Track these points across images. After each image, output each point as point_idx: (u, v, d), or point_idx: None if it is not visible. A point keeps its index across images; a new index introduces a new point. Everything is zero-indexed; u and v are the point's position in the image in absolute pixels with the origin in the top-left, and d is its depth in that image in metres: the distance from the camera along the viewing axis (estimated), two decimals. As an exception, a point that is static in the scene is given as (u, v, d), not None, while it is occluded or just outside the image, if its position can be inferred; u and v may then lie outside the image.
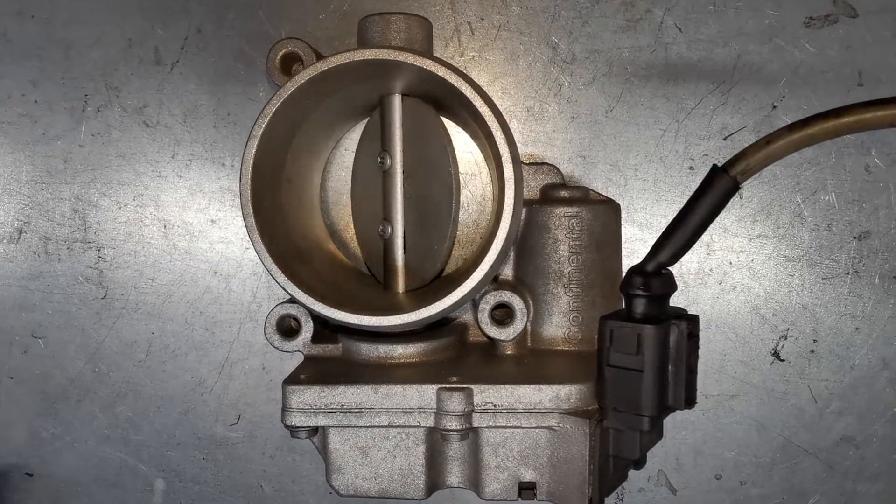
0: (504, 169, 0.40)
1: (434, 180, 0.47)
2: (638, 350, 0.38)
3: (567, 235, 0.49)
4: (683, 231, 0.38)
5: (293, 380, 0.44)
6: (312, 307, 0.41)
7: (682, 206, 0.41)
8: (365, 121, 0.51)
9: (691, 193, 0.38)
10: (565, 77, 0.57)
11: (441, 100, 0.47)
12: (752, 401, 0.61)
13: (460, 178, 0.49)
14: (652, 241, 0.60)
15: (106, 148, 0.57)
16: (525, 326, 0.49)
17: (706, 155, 0.56)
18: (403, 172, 0.48)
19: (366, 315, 0.41)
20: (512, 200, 0.40)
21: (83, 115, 0.57)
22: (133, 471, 0.59)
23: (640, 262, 0.40)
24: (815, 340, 0.61)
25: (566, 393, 0.43)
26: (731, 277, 0.61)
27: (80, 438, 0.60)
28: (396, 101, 0.49)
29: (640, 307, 0.39)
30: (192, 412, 0.59)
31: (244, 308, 0.58)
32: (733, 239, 0.60)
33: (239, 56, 0.59)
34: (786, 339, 0.61)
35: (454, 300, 0.41)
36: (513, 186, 0.40)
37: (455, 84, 0.40)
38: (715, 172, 0.38)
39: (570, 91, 0.58)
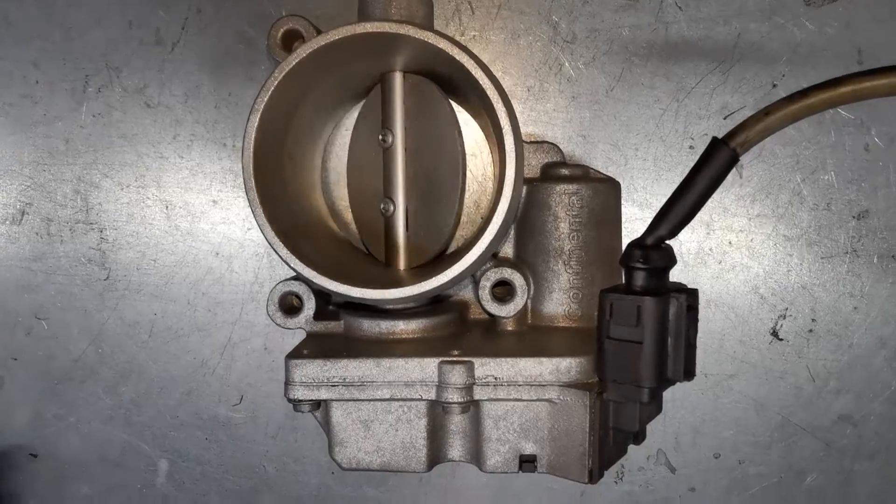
0: (505, 142, 0.41)
1: (439, 157, 0.47)
2: (637, 322, 0.38)
3: (567, 213, 0.50)
4: (683, 204, 0.39)
5: (296, 354, 0.44)
6: (314, 280, 0.42)
7: None
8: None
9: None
10: (566, 56, 0.57)
11: (443, 77, 0.47)
12: (751, 380, 0.62)
13: (458, 153, 0.49)
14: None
15: (107, 129, 0.57)
16: (525, 303, 0.49)
17: (706, 134, 0.56)
18: (406, 149, 0.48)
19: (368, 288, 0.41)
20: (513, 174, 0.40)
21: (84, 96, 0.57)
22: (136, 451, 0.59)
23: (640, 236, 0.40)
24: (813, 320, 0.61)
25: (566, 366, 0.43)
26: (731, 257, 0.61)
27: (83, 419, 0.60)
28: (398, 77, 0.49)
29: (639, 280, 0.39)
30: (194, 393, 0.59)
31: (246, 289, 0.58)
32: (733, 218, 0.61)
33: (240, 36, 0.59)
34: (784, 318, 0.61)
35: (455, 274, 0.41)
36: (514, 160, 0.40)
37: (456, 56, 0.40)
38: (715, 144, 0.38)
39: (571, 70, 0.58)
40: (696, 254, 0.61)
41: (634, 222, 0.58)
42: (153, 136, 0.57)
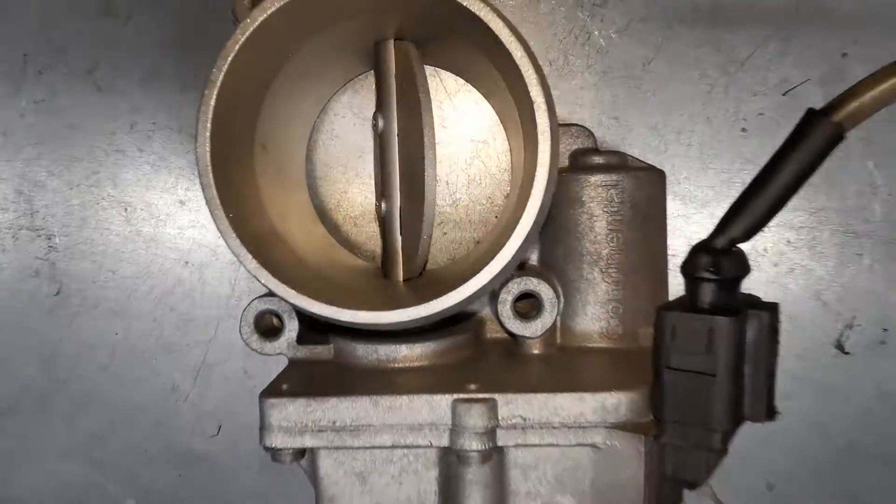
0: (537, 118, 0.31)
1: (421, 145, 0.40)
2: (708, 348, 0.30)
3: (605, 209, 0.41)
4: (764, 197, 0.30)
5: (273, 391, 0.35)
6: (293, 301, 0.33)
7: (732, 175, 0.34)
8: (361, 77, 0.43)
9: (743, 157, 0.29)
10: (594, 23, 0.49)
11: (444, 41, 0.38)
12: (812, 400, 0.53)
13: (435, 141, 0.41)
14: (697, 218, 0.53)
15: (52, 118, 0.51)
16: (555, 320, 0.41)
17: (761, 114, 0.49)
18: (399, 136, 0.39)
19: (361, 311, 0.32)
20: (548, 160, 0.31)
21: (23, 80, 0.51)
22: (100, 491, 0.54)
23: (707, 238, 0.32)
24: (885, 330, 0.52)
25: (614, 402, 0.35)
26: (789, 258, 0.52)
27: (37, 456, 0.54)
28: (390, 47, 0.40)
29: (708, 294, 0.31)
30: (165, 423, 0.53)
31: (221, 303, 0.52)
32: (791, 213, 0.52)
33: (207, 4, 0.50)
34: (851, 328, 0.53)
35: (471, 290, 0.33)
36: (548, 141, 0.31)
37: (473, 9, 0.31)
38: (812, 118, 0.29)
39: (601, 40, 0.49)
40: (749, 255, 0.52)
41: (677, 219, 0.50)
42: (107, 125, 0.51)
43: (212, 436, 0.53)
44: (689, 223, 0.51)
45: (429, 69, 0.48)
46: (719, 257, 0.31)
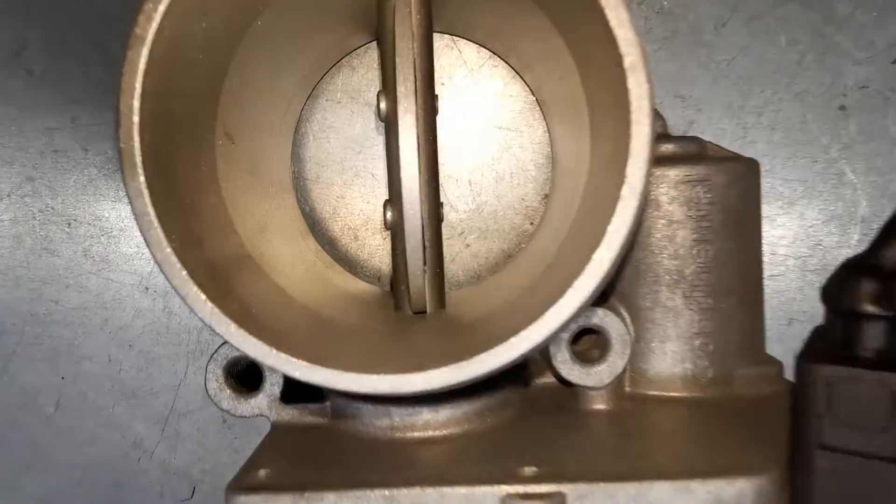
0: (630, 84, 0.21)
1: (435, 135, 0.33)
2: (891, 420, 0.20)
3: (689, 213, 0.32)
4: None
5: (246, 481, 0.25)
6: (267, 362, 0.22)
7: (828, 165, 0.26)
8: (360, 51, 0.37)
9: (841, 142, 0.27)
10: (655, -24, 0.39)
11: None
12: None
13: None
14: (784, 220, 0.43)
15: None
16: (626, 363, 0.30)
17: (865, 87, 0.40)
18: (420, 122, 0.29)
19: (365, 374, 0.22)
20: (646, 149, 0.21)
21: None
22: None
23: (866, 253, 0.22)
24: None
25: (734, 494, 0.24)
26: None
27: None
28: (400, 5, 0.30)
29: (879, 338, 0.21)
30: (126, 485, 0.46)
31: (191, 337, 0.45)
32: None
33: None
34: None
35: (532, 343, 0.23)
36: (646, 120, 0.21)
37: None
38: None
39: (663, -3, 0.40)
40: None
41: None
42: (40, 119, 0.43)
43: (184, 500, 0.46)
44: (773, 226, 0.42)
45: (443, 40, 0.39)
46: (891, 283, 0.21)
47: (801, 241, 0.42)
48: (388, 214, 0.33)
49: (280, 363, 0.22)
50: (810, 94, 0.41)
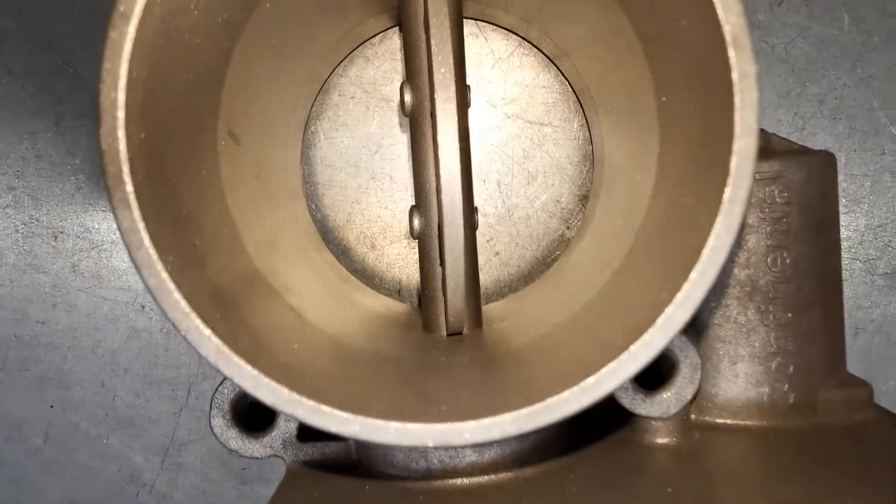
0: (730, 58, 0.17)
1: (467, 132, 0.31)
2: None
3: (762, 216, 0.28)
4: None
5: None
6: (285, 409, 0.18)
7: None
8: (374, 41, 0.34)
9: None
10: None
11: None
12: None
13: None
14: (849, 220, 0.39)
15: None
16: (696, 390, 0.27)
17: None
18: (459, 114, 0.25)
19: (407, 423, 0.18)
20: (754, 144, 0.17)
21: None
22: None
23: None
24: None
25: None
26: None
27: None
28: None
29: None
30: None
31: (192, 360, 0.42)
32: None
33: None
34: None
35: (625, 376, 0.18)
36: (753, 101, 0.17)
37: None
38: None
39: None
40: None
41: (824, 222, 0.36)
42: (23, 120, 0.40)
43: (188, 538, 0.44)
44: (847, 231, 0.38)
45: (467, 26, 0.36)
46: None
47: (868, 243, 0.38)
48: (416, 222, 0.29)
49: (304, 413, 0.18)
50: (877, 79, 0.37)
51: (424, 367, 0.23)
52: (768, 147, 0.32)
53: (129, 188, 0.18)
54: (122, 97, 0.17)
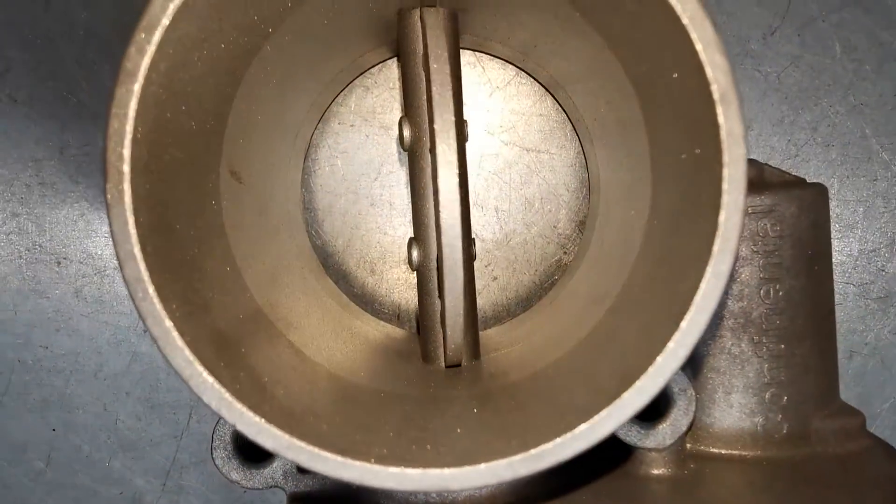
0: (718, 114, 0.17)
1: (464, 162, 0.31)
2: None
3: (755, 248, 0.28)
4: None
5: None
6: (286, 455, 0.19)
7: (891, 184, 0.23)
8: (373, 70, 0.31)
9: None
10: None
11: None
12: None
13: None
14: (842, 246, 0.40)
15: None
16: (691, 421, 0.27)
17: None
18: (458, 147, 0.26)
19: (408, 468, 0.18)
20: (742, 189, 0.17)
21: None
22: None
23: None
24: None
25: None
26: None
27: None
28: (428, 16, 0.27)
29: None
30: None
31: None
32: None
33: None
34: None
35: (627, 416, 0.19)
36: (741, 151, 0.17)
37: None
38: None
39: (705, 1, 0.36)
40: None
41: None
42: (27, 148, 0.39)
43: (190, 561, 0.43)
44: (843, 258, 0.38)
45: (464, 55, 0.36)
46: None
47: (862, 267, 0.38)
48: (415, 254, 0.30)
49: (305, 459, 0.18)
50: (869, 107, 0.38)
51: (423, 404, 0.24)
52: (761, 179, 0.32)
53: (135, 240, 0.18)
54: (127, 153, 0.18)
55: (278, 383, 0.21)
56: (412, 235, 0.32)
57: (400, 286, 0.38)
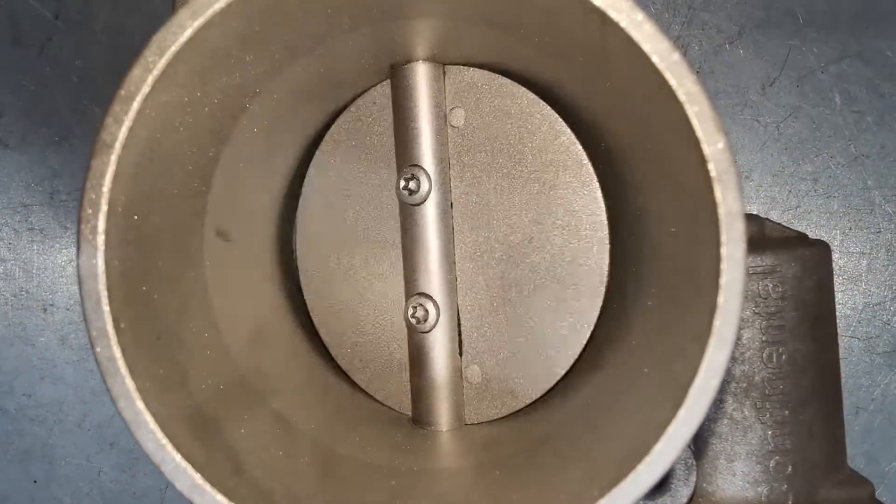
0: (719, 198, 0.17)
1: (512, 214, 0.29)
2: None
3: (756, 310, 0.27)
4: None
5: None
6: None
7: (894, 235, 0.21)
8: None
9: None
10: (693, 32, 0.35)
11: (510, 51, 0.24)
12: None
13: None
14: (846, 298, 0.39)
15: None
16: (692, 492, 0.26)
17: None
18: (464, 202, 0.25)
19: None
20: (742, 280, 0.16)
21: None
22: None
23: None
24: None
25: None
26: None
27: None
28: (430, 72, 0.26)
29: None
30: None
31: None
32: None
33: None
34: None
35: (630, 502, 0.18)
36: (740, 227, 0.16)
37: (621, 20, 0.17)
38: None
39: (702, 55, 0.36)
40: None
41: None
42: (14, 192, 0.39)
43: None
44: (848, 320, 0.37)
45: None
46: None
47: (867, 321, 0.37)
48: (411, 311, 0.29)
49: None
50: (870, 159, 0.37)
51: (411, 478, 0.22)
52: (761, 236, 0.31)
53: (108, 317, 0.17)
54: (102, 225, 0.17)
55: (258, 461, 0.19)
56: (419, 291, 0.31)
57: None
